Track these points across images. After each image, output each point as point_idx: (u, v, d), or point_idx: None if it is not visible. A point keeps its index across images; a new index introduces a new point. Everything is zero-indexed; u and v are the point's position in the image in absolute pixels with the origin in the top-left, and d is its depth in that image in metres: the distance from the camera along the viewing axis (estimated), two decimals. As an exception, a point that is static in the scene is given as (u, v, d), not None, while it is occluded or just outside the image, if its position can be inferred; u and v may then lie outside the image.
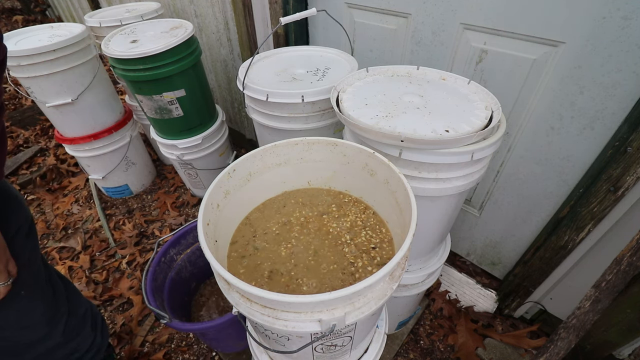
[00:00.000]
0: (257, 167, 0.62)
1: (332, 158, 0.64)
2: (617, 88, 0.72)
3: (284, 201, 0.68)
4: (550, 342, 0.79)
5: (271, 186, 0.67)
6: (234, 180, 0.59)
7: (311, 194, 0.69)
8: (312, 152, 0.64)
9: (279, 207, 0.67)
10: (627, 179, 0.73)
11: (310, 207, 0.66)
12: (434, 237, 0.83)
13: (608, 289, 0.70)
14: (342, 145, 0.62)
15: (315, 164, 0.66)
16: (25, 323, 0.72)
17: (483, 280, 1.29)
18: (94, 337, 0.92)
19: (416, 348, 1.19)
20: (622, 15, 0.66)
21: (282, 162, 0.65)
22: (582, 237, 0.88)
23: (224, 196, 0.57)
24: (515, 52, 0.83)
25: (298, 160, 0.65)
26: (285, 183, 0.68)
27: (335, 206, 0.66)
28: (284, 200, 0.68)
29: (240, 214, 0.64)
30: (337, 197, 0.68)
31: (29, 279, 0.69)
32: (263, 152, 0.62)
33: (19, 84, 1.41)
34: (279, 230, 0.62)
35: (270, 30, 1.35)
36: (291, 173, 0.67)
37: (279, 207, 0.66)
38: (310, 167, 0.67)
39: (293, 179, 0.68)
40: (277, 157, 0.64)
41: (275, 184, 0.67)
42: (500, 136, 0.63)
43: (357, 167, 0.62)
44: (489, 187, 1.10)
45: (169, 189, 1.94)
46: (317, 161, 0.66)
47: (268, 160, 0.63)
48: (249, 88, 0.89)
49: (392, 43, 1.06)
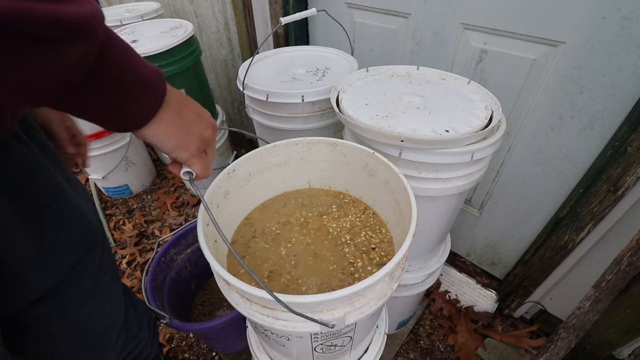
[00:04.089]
0: (257, 167, 0.62)
1: (332, 158, 0.64)
2: (617, 88, 0.72)
3: (284, 201, 0.68)
4: (550, 342, 0.79)
5: (271, 186, 0.67)
6: (233, 180, 0.59)
7: (311, 194, 0.69)
8: (312, 152, 0.64)
9: (279, 207, 0.67)
10: (627, 179, 0.73)
11: (310, 208, 0.66)
12: (434, 237, 0.83)
13: (608, 289, 0.70)
14: (342, 145, 0.62)
15: (315, 164, 0.66)
16: (109, 309, 0.66)
17: (483, 280, 1.29)
18: (149, 334, 0.85)
19: (416, 348, 1.19)
20: (622, 15, 0.66)
21: (282, 162, 0.65)
22: (582, 237, 0.88)
23: (224, 196, 0.57)
24: (515, 52, 0.83)
25: (298, 160, 0.65)
26: (285, 183, 0.68)
27: (335, 206, 0.66)
28: (284, 200, 0.68)
29: (240, 214, 0.64)
30: (337, 197, 0.68)
31: (109, 261, 0.64)
32: (263, 152, 0.61)
33: (19, 84, 1.41)
34: (279, 230, 0.62)
35: (270, 30, 1.35)
36: (291, 173, 0.67)
37: (279, 207, 0.66)
38: (310, 167, 0.67)
39: (293, 179, 0.68)
40: (277, 157, 0.63)
41: (275, 184, 0.67)
42: (500, 136, 0.63)
43: (357, 167, 0.62)
44: (489, 187, 1.10)
45: (169, 189, 1.94)
46: (317, 161, 0.66)
47: (268, 160, 0.63)
48: (249, 88, 0.89)
49: (392, 43, 1.06)
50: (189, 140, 0.42)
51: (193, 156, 0.43)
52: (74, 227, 0.52)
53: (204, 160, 0.45)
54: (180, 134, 0.40)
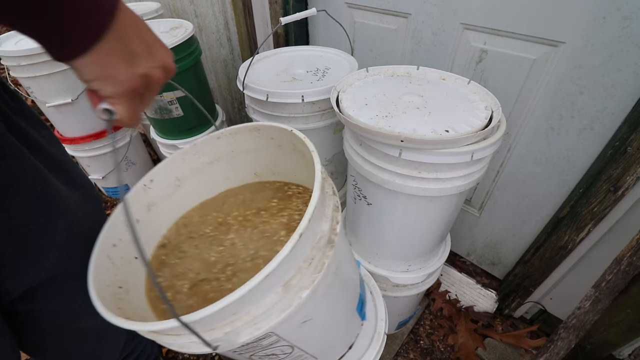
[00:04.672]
0: (184, 170, 0.58)
1: (263, 144, 0.58)
2: (617, 88, 0.72)
3: (223, 199, 0.62)
4: (550, 342, 0.79)
5: (213, 185, 0.63)
6: (156, 190, 0.55)
7: (254, 189, 0.64)
8: (239, 142, 0.59)
9: (218, 206, 0.61)
10: (627, 179, 0.73)
11: (249, 204, 0.61)
12: (434, 237, 0.83)
13: (608, 289, 0.70)
14: (264, 128, 0.56)
15: (250, 154, 0.61)
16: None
17: (483, 280, 1.29)
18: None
19: (416, 348, 1.19)
20: (622, 15, 0.66)
21: (213, 159, 0.60)
22: (582, 237, 0.88)
23: (147, 209, 0.54)
24: (515, 52, 0.83)
25: (230, 154, 0.60)
26: (229, 179, 0.63)
27: (276, 200, 0.60)
28: (223, 198, 0.63)
29: (170, 220, 0.59)
30: (280, 189, 0.63)
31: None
32: (184, 155, 0.57)
33: (19, 84, 1.41)
34: (214, 232, 0.57)
35: (270, 30, 1.35)
36: (230, 168, 0.62)
37: (219, 206, 0.61)
38: (248, 159, 0.61)
39: (236, 174, 0.64)
40: (204, 156, 0.59)
41: (218, 182, 0.63)
42: (500, 136, 0.63)
43: (289, 149, 0.56)
44: (489, 187, 1.10)
45: (169, 189, 1.94)
46: (251, 151, 0.60)
47: (194, 161, 0.58)
48: (249, 88, 0.89)
49: (392, 43, 1.06)
50: (124, 73, 0.32)
51: (121, 95, 0.33)
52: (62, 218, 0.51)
53: (134, 105, 0.36)
54: (113, 64, 0.31)
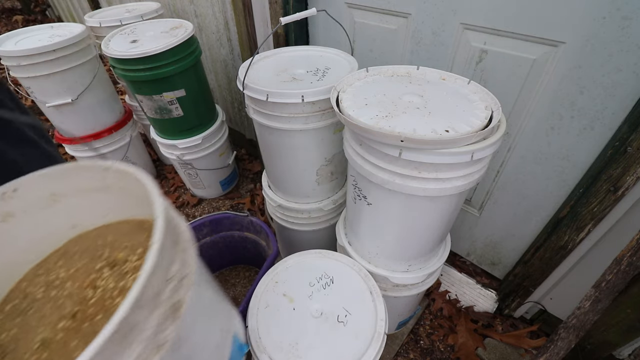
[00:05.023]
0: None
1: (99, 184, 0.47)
2: (617, 88, 0.72)
3: (63, 253, 0.51)
4: (550, 342, 0.79)
5: (57, 235, 0.51)
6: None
7: (100, 234, 0.52)
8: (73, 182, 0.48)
9: (57, 260, 0.50)
10: (627, 179, 0.73)
11: (87, 256, 0.50)
12: (433, 237, 0.83)
13: (608, 289, 0.70)
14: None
15: (87, 193, 0.49)
16: None
17: (483, 280, 1.29)
18: None
19: (416, 348, 1.19)
20: (622, 15, 0.66)
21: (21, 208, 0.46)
22: (582, 237, 0.88)
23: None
24: (515, 52, 0.83)
25: (48, 200, 0.48)
26: (75, 227, 0.53)
27: (109, 249, 0.49)
28: (63, 251, 0.51)
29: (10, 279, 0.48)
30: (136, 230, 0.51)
31: None
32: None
33: (19, 84, 1.41)
34: (41, 295, 0.45)
35: (270, 30, 1.35)
36: (75, 210, 0.50)
37: (57, 261, 0.50)
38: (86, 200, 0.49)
39: (84, 219, 0.52)
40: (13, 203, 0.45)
41: (61, 231, 0.52)
42: (500, 136, 0.63)
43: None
44: (489, 187, 1.10)
45: (169, 189, 1.94)
46: (87, 190, 0.49)
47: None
48: (249, 88, 0.89)
49: (392, 43, 1.06)
50: None
51: None
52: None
53: None
54: None
